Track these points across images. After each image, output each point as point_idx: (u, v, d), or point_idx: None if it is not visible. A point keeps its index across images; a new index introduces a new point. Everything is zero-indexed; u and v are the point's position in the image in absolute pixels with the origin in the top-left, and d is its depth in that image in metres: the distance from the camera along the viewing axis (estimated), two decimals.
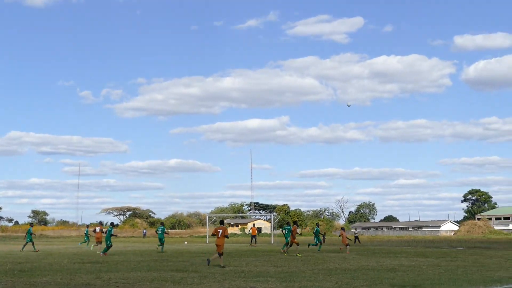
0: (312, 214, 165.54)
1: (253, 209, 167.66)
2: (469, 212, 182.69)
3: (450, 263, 29.26)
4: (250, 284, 19.16)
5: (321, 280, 20.43)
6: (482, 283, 19.12)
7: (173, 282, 19.90)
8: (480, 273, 23.23)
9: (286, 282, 19.60)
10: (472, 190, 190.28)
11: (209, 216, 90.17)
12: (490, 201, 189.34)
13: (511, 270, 24.73)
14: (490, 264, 28.30)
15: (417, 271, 24.09)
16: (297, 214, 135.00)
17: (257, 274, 23.00)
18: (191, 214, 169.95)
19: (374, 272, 23.91)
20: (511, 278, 21.00)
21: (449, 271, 24.06)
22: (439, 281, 19.97)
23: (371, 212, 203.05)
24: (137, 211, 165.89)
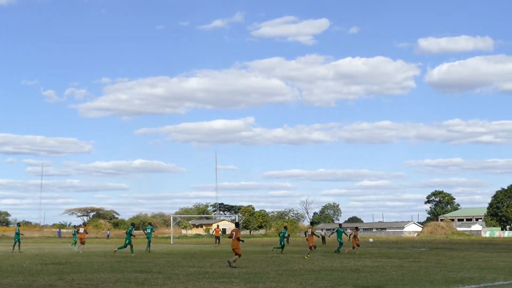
0: (277, 215, 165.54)
1: (218, 210, 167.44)
2: (432, 213, 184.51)
3: (413, 264, 29.47)
4: (214, 285, 19.11)
5: (285, 281, 20.45)
6: (444, 284, 19.28)
7: (136, 283, 19.78)
8: (443, 273, 23.42)
9: (251, 283, 19.58)
10: (436, 192, 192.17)
11: (173, 217, 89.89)
12: (453, 203, 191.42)
13: (473, 271, 24.97)
14: (452, 265, 28.56)
15: (381, 272, 24.22)
16: (262, 215, 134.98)
17: (221, 275, 22.95)
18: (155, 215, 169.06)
19: (338, 273, 23.99)
20: (473, 278, 21.20)
21: (412, 272, 24.23)
22: (402, 281, 20.10)
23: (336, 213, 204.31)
24: (101, 212, 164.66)
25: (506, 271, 24.53)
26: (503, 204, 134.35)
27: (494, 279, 21.07)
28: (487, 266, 27.64)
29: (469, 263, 30.45)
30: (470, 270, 25.16)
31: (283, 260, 32.71)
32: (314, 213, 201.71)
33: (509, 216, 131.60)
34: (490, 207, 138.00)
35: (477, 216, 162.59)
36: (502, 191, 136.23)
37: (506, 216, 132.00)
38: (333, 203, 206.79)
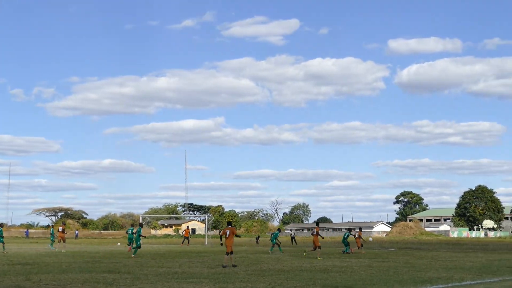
0: (247, 215, 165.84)
1: (187, 210, 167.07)
2: (401, 214, 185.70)
3: (382, 264, 29.61)
4: (183, 285, 19.05)
5: (254, 281, 20.43)
6: (412, 284, 19.38)
7: (105, 283, 19.65)
8: (411, 273, 23.55)
9: (220, 284, 19.55)
10: (404, 192, 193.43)
11: (142, 217, 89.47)
12: (421, 203, 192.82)
13: (441, 270, 25.14)
14: (421, 265, 28.73)
15: (350, 272, 24.30)
16: (231, 215, 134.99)
17: (190, 275, 22.88)
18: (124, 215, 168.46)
19: (307, 273, 24.03)
20: (440, 278, 21.35)
21: (380, 272, 24.34)
22: (371, 281, 20.18)
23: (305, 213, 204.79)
24: (69, 211, 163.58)
25: (473, 271, 24.73)
26: (470, 204, 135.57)
27: (462, 279, 21.24)
28: (455, 266, 27.86)
29: (437, 263, 30.66)
30: (438, 270, 25.33)
31: (252, 260, 32.70)
32: (283, 213, 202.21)
33: (477, 217, 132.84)
34: (458, 207, 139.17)
35: (445, 217, 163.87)
36: (470, 192, 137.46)
37: (474, 217, 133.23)
38: (303, 203, 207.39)
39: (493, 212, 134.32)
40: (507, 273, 23.68)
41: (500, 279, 21.08)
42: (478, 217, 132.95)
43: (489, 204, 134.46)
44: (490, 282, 20.14)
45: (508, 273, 23.68)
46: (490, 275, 23.00)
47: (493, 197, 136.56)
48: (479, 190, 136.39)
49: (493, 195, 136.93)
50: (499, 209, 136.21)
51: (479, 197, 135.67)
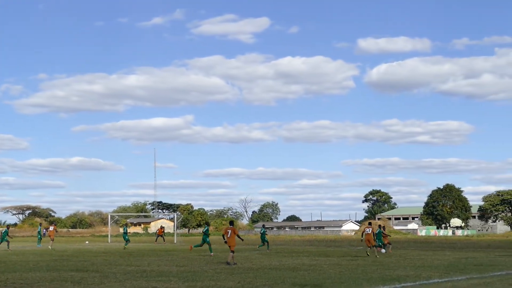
0: (216, 214, 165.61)
1: (157, 208, 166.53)
2: (369, 212, 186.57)
3: (351, 262, 29.74)
4: (152, 284, 18.98)
5: (223, 279, 20.42)
6: (381, 282, 19.49)
7: (73, 282, 19.52)
8: (379, 272, 23.68)
9: (189, 282, 19.50)
10: (373, 191, 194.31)
11: (111, 215, 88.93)
12: (390, 202, 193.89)
13: (409, 269, 25.30)
14: (389, 263, 28.89)
15: (319, 270, 24.37)
16: (200, 214, 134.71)
17: (159, 273, 22.81)
18: (93, 213, 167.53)
19: (276, 271, 24.05)
20: (408, 276, 21.48)
21: (349, 270, 24.43)
22: (340, 280, 20.26)
23: (274, 212, 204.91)
24: (36, 210, 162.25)
25: (440, 269, 24.92)
26: (438, 203, 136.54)
27: (429, 277, 21.39)
28: (423, 264, 28.06)
29: (405, 261, 30.86)
30: (406, 268, 25.49)
31: (221, 259, 32.67)
32: (253, 212, 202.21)
33: (444, 215, 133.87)
34: (426, 206, 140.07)
35: (413, 215, 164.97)
36: (438, 191, 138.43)
37: (442, 215, 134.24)
38: (272, 201, 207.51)
39: (461, 210, 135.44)
40: (474, 271, 23.89)
41: (467, 277, 21.26)
42: (446, 215, 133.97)
43: (457, 202, 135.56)
44: (457, 280, 20.31)
45: (475, 271, 23.89)
46: (457, 273, 23.19)
47: (461, 195, 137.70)
48: (447, 189, 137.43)
49: (460, 194, 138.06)
50: (466, 208, 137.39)
51: (447, 195, 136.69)
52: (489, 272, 23.46)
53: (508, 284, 18.55)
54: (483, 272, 23.48)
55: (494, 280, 20.21)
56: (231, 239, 28.20)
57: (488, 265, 27.84)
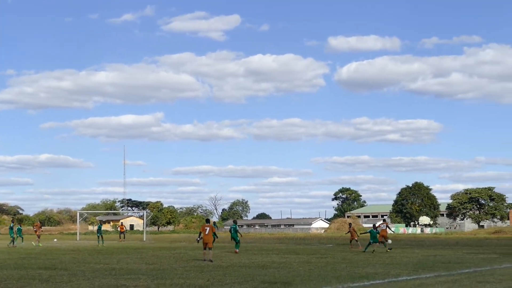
0: (185, 211, 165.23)
1: (126, 206, 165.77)
2: (339, 210, 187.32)
3: (320, 260, 29.82)
4: (121, 282, 18.87)
5: (193, 277, 20.36)
6: (350, 279, 19.55)
7: (40, 280, 19.34)
8: (348, 269, 23.77)
9: (158, 280, 19.42)
10: (343, 189, 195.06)
11: (80, 212, 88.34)
12: (359, 199, 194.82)
13: (378, 266, 25.42)
14: (358, 261, 29.02)
15: (288, 268, 24.40)
16: (170, 211, 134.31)
17: (128, 271, 22.69)
18: (61, 210, 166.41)
19: (246, 269, 24.04)
20: (377, 274, 21.58)
21: (318, 268, 24.50)
22: (309, 277, 20.29)
23: (244, 210, 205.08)
24: (4, 207, 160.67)
25: (409, 267, 25.07)
26: (407, 201, 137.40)
27: (398, 274, 21.51)
28: (392, 262, 28.21)
29: (374, 259, 31.00)
30: (375, 266, 25.61)
31: (191, 257, 32.59)
32: (222, 210, 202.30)
33: (413, 213, 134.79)
34: (395, 204, 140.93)
35: (382, 213, 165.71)
36: (407, 189, 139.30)
37: (410, 213, 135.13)
38: (242, 199, 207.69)
39: (429, 208, 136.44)
40: (442, 269, 24.06)
41: (435, 275, 21.40)
42: (414, 213, 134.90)
43: (426, 200, 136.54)
44: (425, 277, 20.44)
45: (443, 269, 24.06)
46: (425, 270, 23.34)
47: (430, 194, 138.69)
48: (415, 187, 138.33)
49: (429, 192, 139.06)
50: (435, 206, 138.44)
51: (416, 193, 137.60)
52: (457, 270, 23.65)
53: (476, 282, 18.70)
54: (451, 270, 23.67)
55: (462, 277, 20.37)
56: (209, 236, 28.61)
57: (456, 262, 28.07)
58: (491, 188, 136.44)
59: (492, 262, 28.08)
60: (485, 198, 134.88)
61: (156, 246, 49.89)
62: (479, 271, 23.10)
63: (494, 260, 29.60)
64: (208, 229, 28.79)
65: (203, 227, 29.13)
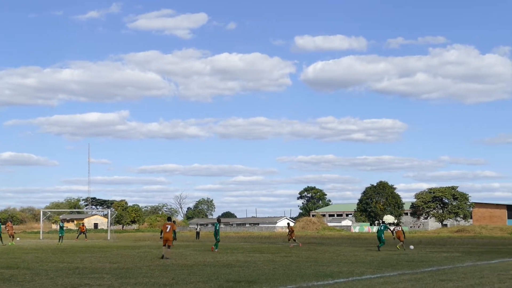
0: (150, 210, 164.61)
1: (90, 204, 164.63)
2: (304, 209, 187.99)
3: (285, 259, 29.86)
4: (85, 281, 18.72)
5: (157, 276, 20.27)
6: (314, 278, 19.60)
7: (2, 279, 19.12)
8: (313, 268, 23.83)
9: (122, 279, 19.30)
10: (308, 188, 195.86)
11: (43, 211, 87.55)
12: (324, 198, 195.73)
13: (342, 265, 25.53)
14: (323, 259, 29.12)
15: (253, 267, 24.40)
16: (135, 210, 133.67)
17: (92, 270, 22.53)
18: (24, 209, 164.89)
19: (211, 268, 24.00)
20: (342, 272, 21.67)
21: (283, 266, 24.53)
22: (274, 276, 20.30)
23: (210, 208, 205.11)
24: None
25: (373, 265, 25.22)
26: (372, 200, 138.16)
27: (362, 273, 21.62)
28: (356, 261, 28.35)
29: (339, 257, 31.14)
30: (340, 264, 25.72)
31: (155, 256, 32.45)
32: (188, 208, 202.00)
33: (378, 212, 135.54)
34: (359, 203, 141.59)
35: (347, 212, 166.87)
36: (371, 188, 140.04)
37: (375, 212, 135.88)
38: (207, 198, 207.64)
39: (394, 207, 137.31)
40: (406, 267, 24.24)
41: (399, 273, 21.55)
42: (379, 212, 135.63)
43: (390, 199, 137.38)
44: (389, 276, 20.56)
45: (407, 267, 24.24)
46: (389, 269, 23.49)
47: (394, 192, 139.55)
48: (380, 186, 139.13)
49: (393, 191, 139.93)
50: (399, 205, 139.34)
51: (380, 192, 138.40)
52: (420, 268, 23.82)
53: (439, 280, 18.86)
54: (415, 268, 23.84)
55: (425, 275, 20.53)
56: (170, 233, 29.35)
57: (419, 261, 28.29)
58: (455, 187, 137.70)
59: (454, 261, 28.35)
60: (449, 197, 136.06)
61: (121, 244, 49.61)
62: (442, 269, 23.29)
63: (456, 259, 29.90)
64: (169, 227, 29.58)
65: (165, 225, 29.89)
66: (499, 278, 19.51)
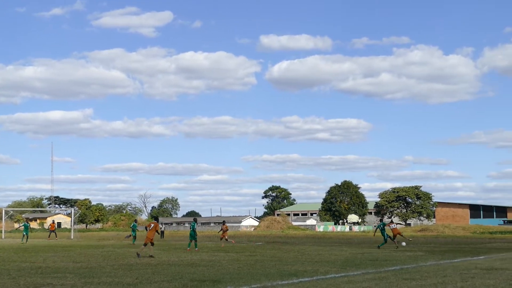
0: (115, 209, 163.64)
1: (53, 203, 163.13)
2: (269, 208, 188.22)
3: (249, 258, 29.86)
4: (47, 280, 18.53)
5: (121, 275, 20.14)
6: (279, 277, 19.61)
7: None
8: (278, 267, 23.85)
9: (85, 278, 19.14)
10: (273, 187, 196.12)
11: (5, 210, 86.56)
12: (289, 198, 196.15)
13: (307, 264, 25.59)
14: (287, 259, 29.17)
15: (217, 266, 24.36)
16: (98, 209, 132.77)
17: (55, 270, 22.33)
18: None
19: (175, 267, 23.92)
20: (306, 271, 21.71)
21: (248, 266, 24.53)
22: (238, 275, 20.29)
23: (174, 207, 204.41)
24: None
25: (337, 265, 25.32)
26: (336, 199, 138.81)
27: (327, 272, 21.68)
28: (320, 260, 28.44)
29: (303, 256, 31.21)
30: (304, 264, 25.77)
31: (119, 255, 32.27)
32: (152, 207, 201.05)
33: (342, 211, 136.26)
34: (324, 202, 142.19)
35: (312, 211, 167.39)
36: (336, 187, 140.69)
37: (339, 211, 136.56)
38: (172, 197, 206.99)
39: (358, 207, 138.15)
40: (370, 266, 24.37)
41: (362, 272, 21.65)
42: (343, 211, 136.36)
43: (354, 199, 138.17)
44: (353, 275, 20.65)
45: (371, 266, 24.37)
46: (353, 268, 23.60)
47: (358, 192, 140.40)
48: (344, 186, 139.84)
49: (358, 190, 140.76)
50: (363, 204, 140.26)
51: (345, 192, 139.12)
52: (384, 267, 23.96)
53: (402, 279, 18.98)
54: (378, 267, 23.98)
55: (388, 274, 20.65)
56: (152, 232, 30.12)
57: (383, 260, 28.46)
58: (418, 187, 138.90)
59: (418, 260, 28.57)
60: (412, 196, 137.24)
61: (84, 244, 49.25)
62: (405, 268, 23.45)
63: (420, 258, 30.12)
64: (152, 225, 30.49)
65: (150, 224, 31.01)
66: (461, 277, 19.70)
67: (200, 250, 37.31)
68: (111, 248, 40.17)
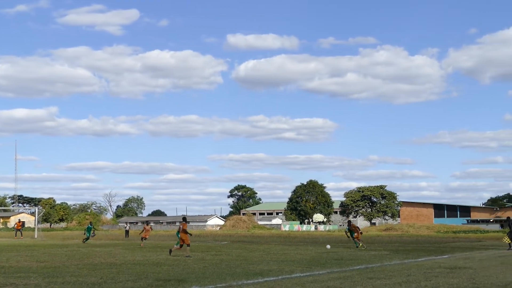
0: (79, 208, 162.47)
1: (17, 202, 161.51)
2: (235, 207, 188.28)
3: (215, 257, 29.83)
4: (10, 280, 18.34)
5: (85, 275, 19.99)
6: (244, 276, 19.61)
7: None
8: (243, 266, 23.85)
9: (49, 278, 18.97)
10: (238, 186, 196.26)
11: None
12: (255, 197, 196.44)
13: (272, 263, 25.62)
14: (253, 258, 29.17)
15: (183, 265, 24.30)
16: (63, 208, 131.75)
17: (18, 269, 22.11)
18: None
19: (140, 266, 23.82)
20: (272, 271, 21.73)
21: (213, 265, 24.49)
22: (204, 275, 20.25)
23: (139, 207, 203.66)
24: None
25: (303, 264, 25.38)
26: (302, 199, 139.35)
27: (292, 271, 21.72)
28: (286, 259, 28.49)
29: (269, 256, 31.24)
30: (269, 263, 25.80)
31: (84, 254, 32.03)
32: (117, 206, 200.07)
33: (308, 211, 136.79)
34: (290, 201, 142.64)
35: (277, 210, 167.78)
36: (302, 186, 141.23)
37: (305, 211, 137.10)
38: (137, 196, 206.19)
39: (323, 206, 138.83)
40: (335, 265, 24.46)
41: (327, 271, 21.73)
42: (309, 211, 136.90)
43: (320, 198, 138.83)
44: (318, 274, 20.71)
45: (336, 265, 24.46)
46: (318, 267, 23.68)
47: (324, 191, 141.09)
48: (310, 185, 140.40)
49: (323, 190, 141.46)
50: (328, 203, 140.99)
51: (310, 191, 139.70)
52: (349, 266, 24.07)
53: (367, 278, 19.09)
54: (343, 266, 24.08)
55: (353, 273, 20.75)
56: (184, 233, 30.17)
57: (348, 259, 28.58)
58: (383, 187, 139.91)
59: (382, 259, 28.74)
60: (377, 196, 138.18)
61: (48, 243, 48.82)
62: (370, 267, 23.58)
63: (384, 257, 30.31)
64: (181, 227, 30.69)
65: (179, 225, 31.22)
66: (425, 276, 19.86)
67: (165, 250, 37.16)
68: (76, 248, 39.87)
